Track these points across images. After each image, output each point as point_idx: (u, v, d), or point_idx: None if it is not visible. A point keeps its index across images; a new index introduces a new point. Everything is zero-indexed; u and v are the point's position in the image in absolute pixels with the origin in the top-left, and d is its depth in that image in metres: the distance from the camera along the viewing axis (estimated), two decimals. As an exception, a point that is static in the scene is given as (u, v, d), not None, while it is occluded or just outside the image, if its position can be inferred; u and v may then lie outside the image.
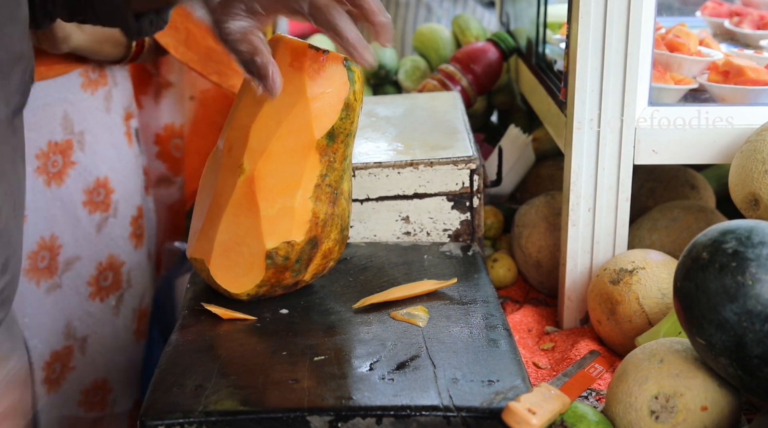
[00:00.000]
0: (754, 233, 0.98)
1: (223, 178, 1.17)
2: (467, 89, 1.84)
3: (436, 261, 1.31)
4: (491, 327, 1.14)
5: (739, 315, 0.95)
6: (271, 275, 1.17)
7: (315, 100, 1.13)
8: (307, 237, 1.16)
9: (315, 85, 1.12)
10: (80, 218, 1.76)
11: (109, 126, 1.81)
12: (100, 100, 1.78)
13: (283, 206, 1.15)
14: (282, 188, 1.15)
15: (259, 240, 1.16)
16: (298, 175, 1.15)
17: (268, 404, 0.99)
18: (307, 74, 1.12)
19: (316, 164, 1.15)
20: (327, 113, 1.14)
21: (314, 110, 1.13)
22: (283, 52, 1.13)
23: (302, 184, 1.15)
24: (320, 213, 1.17)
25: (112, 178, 1.81)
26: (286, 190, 1.15)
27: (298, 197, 1.15)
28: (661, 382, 1.02)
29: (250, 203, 1.15)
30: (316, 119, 1.13)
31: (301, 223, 1.16)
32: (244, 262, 1.17)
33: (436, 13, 2.58)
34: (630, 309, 1.25)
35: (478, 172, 1.38)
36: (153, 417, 0.98)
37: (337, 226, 1.19)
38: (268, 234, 1.15)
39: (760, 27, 1.69)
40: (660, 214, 1.43)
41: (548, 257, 1.45)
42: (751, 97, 1.35)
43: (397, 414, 0.98)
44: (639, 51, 1.25)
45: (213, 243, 1.18)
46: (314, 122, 1.13)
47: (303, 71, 1.12)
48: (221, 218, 1.17)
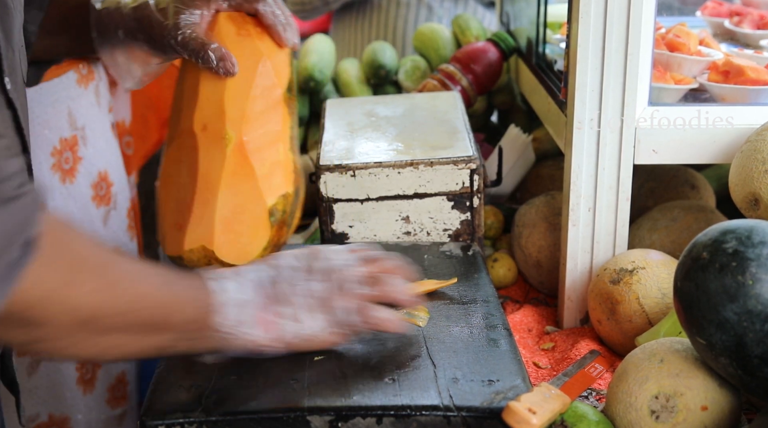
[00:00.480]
0: (754, 233, 0.98)
1: (205, 158, 1.20)
2: (467, 89, 1.84)
3: (436, 261, 1.31)
4: (491, 327, 1.14)
5: (740, 315, 0.95)
6: (274, 233, 1.21)
7: (271, 58, 1.22)
8: (294, 187, 1.23)
9: (265, 46, 1.22)
10: (91, 214, 1.77)
11: (101, 120, 1.82)
12: (92, 95, 1.79)
13: (272, 162, 1.21)
14: (267, 145, 1.21)
15: (260, 200, 1.20)
16: (276, 130, 1.22)
17: (268, 404, 0.99)
18: (256, 38, 1.22)
19: (287, 116, 1.24)
20: (283, 68, 1.24)
21: (274, 66, 1.22)
22: (227, 27, 1.22)
23: (281, 137, 1.22)
24: (297, 162, 1.25)
25: (110, 171, 1.82)
26: (270, 146, 1.21)
27: (281, 150, 1.22)
28: (662, 382, 1.02)
29: (244, 167, 1.20)
30: (278, 74, 1.23)
31: (288, 174, 1.23)
32: (247, 229, 1.20)
33: (437, 13, 2.58)
34: (630, 309, 1.25)
35: (478, 172, 1.38)
36: (153, 417, 0.98)
37: (302, 174, 1.27)
38: (267, 192, 1.20)
39: (760, 27, 1.69)
40: (660, 214, 1.43)
41: (548, 257, 1.45)
42: (751, 97, 1.35)
43: (397, 414, 0.98)
44: (639, 51, 1.25)
45: (213, 223, 1.19)
46: (277, 77, 1.23)
47: (251, 36, 1.22)
48: (217, 195, 1.19)
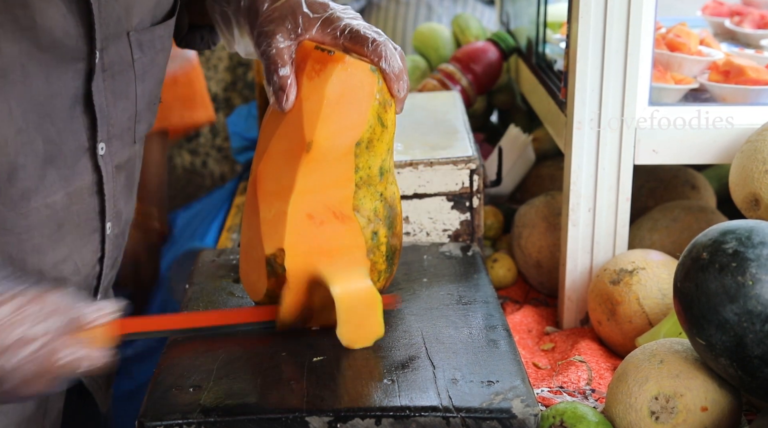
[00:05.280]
0: (754, 234, 0.97)
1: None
2: (467, 89, 1.84)
3: (435, 262, 1.31)
4: (491, 328, 1.14)
5: (740, 316, 0.95)
6: (273, 284, 1.11)
7: (308, 100, 1.05)
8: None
9: (311, 85, 1.05)
10: None
11: None
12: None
13: (278, 210, 1.09)
14: (278, 191, 1.09)
15: (260, 245, 1.11)
16: (291, 178, 1.08)
17: (267, 405, 0.99)
18: (306, 74, 1.06)
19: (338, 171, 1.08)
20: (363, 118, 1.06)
21: (305, 109, 1.05)
22: (300, 58, 1.07)
23: (296, 188, 1.08)
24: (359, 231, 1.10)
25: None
26: (281, 193, 1.09)
27: (291, 202, 1.08)
28: (662, 383, 1.02)
29: (254, 205, 1.12)
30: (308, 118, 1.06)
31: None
32: (254, 268, 1.14)
33: (436, 12, 2.57)
34: (630, 310, 1.25)
35: (478, 172, 1.38)
36: (152, 418, 0.98)
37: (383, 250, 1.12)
38: (267, 239, 1.10)
39: (761, 26, 1.69)
40: (660, 214, 1.43)
41: (548, 257, 1.45)
42: (751, 97, 1.35)
43: (396, 415, 0.97)
44: (639, 51, 1.25)
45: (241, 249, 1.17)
46: (305, 122, 1.05)
47: (303, 72, 1.06)
48: (242, 221, 1.15)
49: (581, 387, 1.19)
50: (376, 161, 1.09)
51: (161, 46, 1.17)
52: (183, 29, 1.27)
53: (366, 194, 1.10)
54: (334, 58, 1.04)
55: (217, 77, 3.19)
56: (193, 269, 1.30)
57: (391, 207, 1.13)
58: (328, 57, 1.04)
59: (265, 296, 1.13)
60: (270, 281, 1.11)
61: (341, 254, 1.11)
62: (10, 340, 0.92)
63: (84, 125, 1.08)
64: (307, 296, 1.11)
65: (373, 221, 1.11)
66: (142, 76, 1.14)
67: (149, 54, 1.14)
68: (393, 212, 1.13)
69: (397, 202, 1.14)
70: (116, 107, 1.11)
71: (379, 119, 1.07)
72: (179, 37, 1.29)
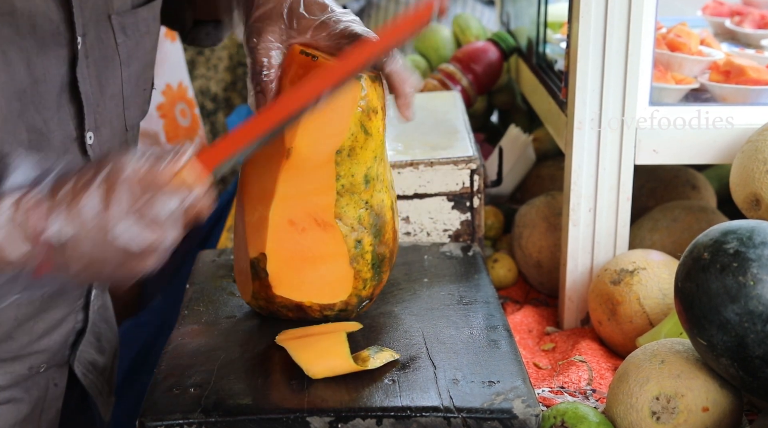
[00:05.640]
0: (755, 234, 0.97)
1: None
2: (467, 89, 1.83)
3: (436, 262, 1.31)
4: (492, 328, 1.14)
5: (741, 316, 0.95)
6: (258, 287, 1.12)
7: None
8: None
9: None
10: None
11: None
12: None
13: (261, 214, 1.09)
14: (260, 195, 1.08)
15: (245, 248, 1.12)
16: (272, 183, 1.07)
17: (268, 405, 0.99)
18: (289, 79, 1.04)
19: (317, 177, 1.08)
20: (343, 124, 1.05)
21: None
22: (287, 61, 1.06)
23: (276, 194, 1.07)
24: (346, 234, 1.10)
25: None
26: (263, 197, 1.08)
27: (273, 208, 1.08)
28: (662, 383, 1.02)
29: (240, 207, 1.12)
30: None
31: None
32: (242, 269, 1.15)
33: (436, 12, 2.58)
34: (631, 310, 1.25)
35: (478, 172, 1.37)
36: (152, 418, 0.97)
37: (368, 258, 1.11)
38: (251, 242, 1.10)
39: (761, 26, 1.69)
40: (661, 214, 1.43)
41: (549, 257, 1.45)
42: (752, 97, 1.35)
43: (397, 415, 0.97)
44: (640, 51, 1.25)
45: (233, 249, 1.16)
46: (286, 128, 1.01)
47: (287, 76, 1.05)
48: (234, 222, 1.15)
49: (582, 387, 1.19)
50: (359, 169, 1.08)
51: (146, 29, 1.13)
52: (188, 25, 1.26)
53: (349, 202, 1.09)
54: (317, 64, 1.03)
55: (217, 77, 3.19)
56: (193, 269, 1.30)
57: (378, 215, 1.11)
58: (311, 62, 1.03)
59: (252, 298, 1.14)
60: (254, 283, 1.12)
61: (323, 261, 1.10)
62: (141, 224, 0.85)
63: (70, 114, 1.05)
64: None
65: (356, 229, 1.10)
66: (127, 60, 1.11)
67: (133, 38, 1.11)
68: (381, 220, 1.11)
69: (387, 209, 1.12)
70: (103, 93, 1.08)
71: (363, 127, 1.05)
72: (184, 33, 1.28)
